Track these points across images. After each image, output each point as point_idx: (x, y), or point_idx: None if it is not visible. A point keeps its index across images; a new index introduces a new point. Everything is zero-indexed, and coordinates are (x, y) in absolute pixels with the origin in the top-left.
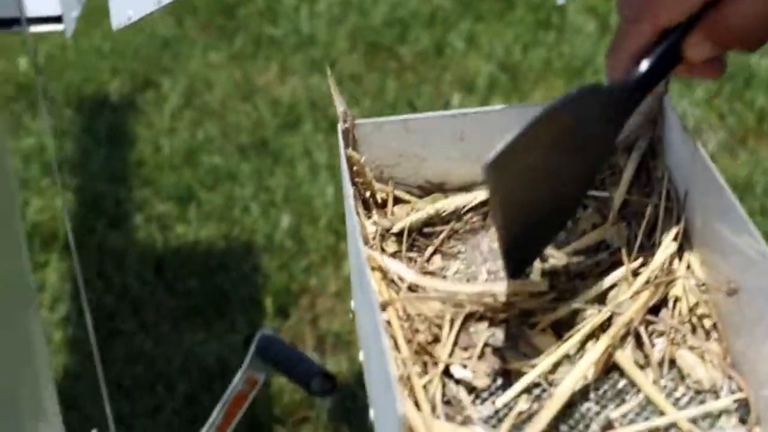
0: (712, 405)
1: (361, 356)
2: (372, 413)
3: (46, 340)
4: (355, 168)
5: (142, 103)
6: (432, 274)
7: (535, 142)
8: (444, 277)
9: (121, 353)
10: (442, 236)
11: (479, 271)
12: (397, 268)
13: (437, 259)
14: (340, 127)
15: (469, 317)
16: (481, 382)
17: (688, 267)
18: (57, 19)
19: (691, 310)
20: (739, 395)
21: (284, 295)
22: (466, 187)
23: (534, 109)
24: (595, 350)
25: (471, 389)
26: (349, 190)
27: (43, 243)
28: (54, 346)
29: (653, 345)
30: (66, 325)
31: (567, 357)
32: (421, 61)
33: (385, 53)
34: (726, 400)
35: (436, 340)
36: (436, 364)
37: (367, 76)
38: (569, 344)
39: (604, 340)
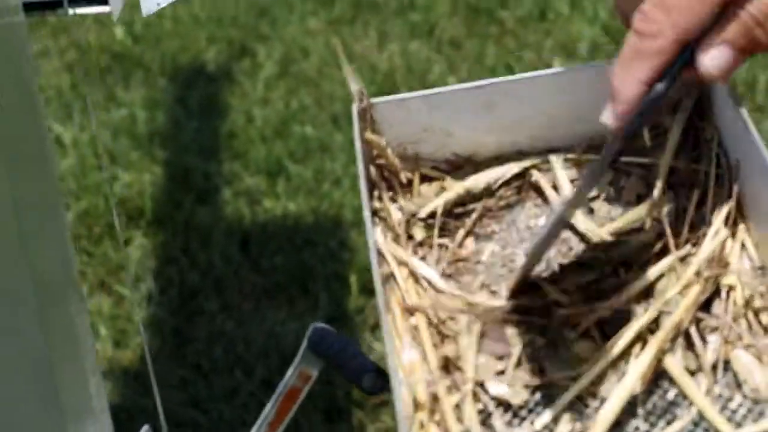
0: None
1: None
2: None
3: (92, 332)
4: (375, 151)
5: (237, 72)
6: (465, 260)
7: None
8: (478, 262)
9: (202, 333)
10: (474, 216)
11: (515, 253)
12: (421, 269)
13: (470, 243)
14: (354, 107)
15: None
16: (519, 398)
17: (743, 247)
18: (103, 1)
19: (747, 302)
20: None
21: (370, 273)
22: (497, 158)
23: (559, 77)
24: (642, 360)
25: (506, 406)
26: (363, 180)
27: (128, 219)
28: (134, 325)
29: (706, 343)
30: (148, 304)
31: (614, 365)
32: (522, 25)
33: (485, 18)
34: None
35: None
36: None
37: (467, 41)
38: (614, 351)
39: (652, 346)
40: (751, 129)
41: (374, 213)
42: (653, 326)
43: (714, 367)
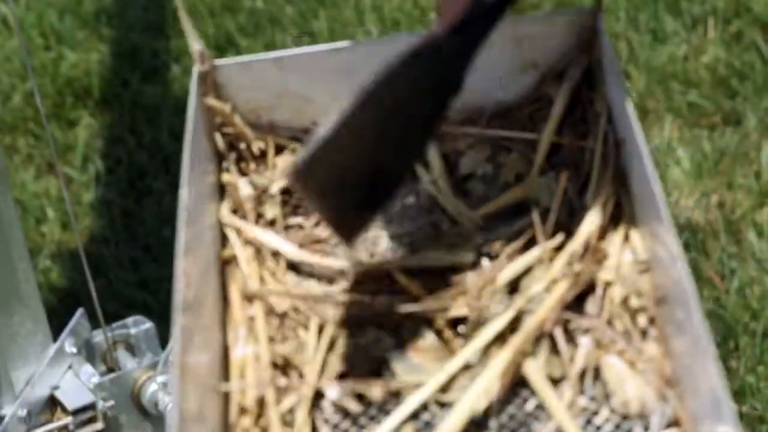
0: None
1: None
2: None
3: (18, 217)
4: (217, 119)
5: None
6: (322, 242)
7: (350, 133)
8: (337, 245)
9: (152, 213)
10: None
11: (380, 235)
12: (274, 240)
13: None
14: (195, 70)
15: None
16: (356, 405)
17: (626, 239)
18: None
19: (624, 300)
20: (672, 430)
21: None
22: None
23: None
24: (498, 362)
25: (345, 414)
26: (187, 152)
27: (75, 99)
28: (82, 208)
29: (575, 347)
30: (96, 186)
31: (467, 369)
32: None
33: None
34: None
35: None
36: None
37: None
38: (467, 353)
39: (509, 348)
40: (628, 108)
41: (221, 187)
42: (516, 326)
43: (582, 376)
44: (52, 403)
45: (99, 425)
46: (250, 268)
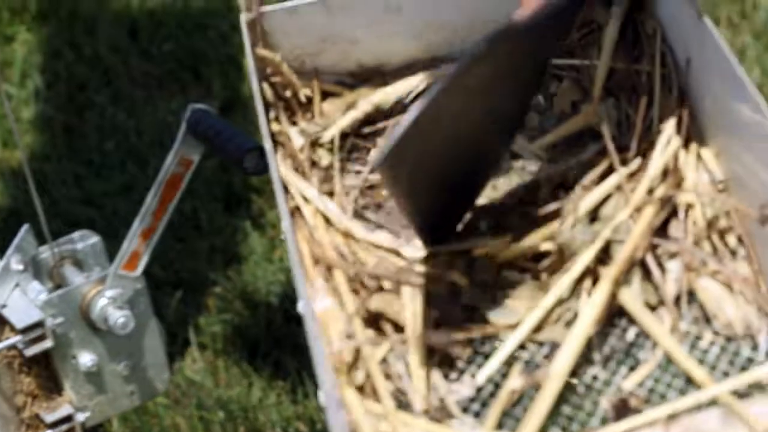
0: (755, 374)
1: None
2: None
3: None
4: (269, 68)
5: None
6: (379, 187)
7: (441, 112)
8: None
9: (93, 127)
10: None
11: None
12: (329, 210)
13: None
14: (243, 18)
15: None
16: (457, 349)
17: (699, 158)
18: None
19: (709, 223)
20: None
21: None
22: (409, 66)
23: None
24: (595, 300)
25: (443, 359)
26: (259, 103)
27: (12, 14)
28: (23, 124)
29: (665, 273)
30: (36, 102)
31: (559, 304)
32: None
33: None
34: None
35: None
36: (397, 328)
37: None
38: (558, 290)
39: (605, 282)
40: (705, 21)
41: (272, 138)
42: (603, 257)
43: (677, 300)
44: (0, 322)
45: (48, 343)
46: (316, 221)
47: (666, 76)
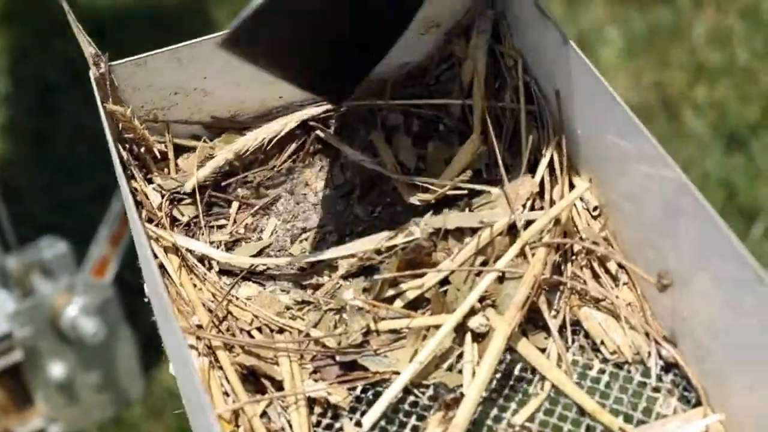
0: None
1: (171, 369)
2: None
3: None
4: (120, 124)
5: None
6: (245, 239)
7: None
8: (260, 239)
9: (65, 132)
10: (247, 187)
11: (308, 225)
12: (195, 247)
13: (246, 218)
14: (92, 74)
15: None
16: (341, 397)
17: (571, 187)
18: None
19: (588, 251)
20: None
21: None
22: (264, 115)
23: None
24: (493, 349)
25: (324, 411)
26: (117, 163)
27: None
28: None
29: (548, 302)
30: (4, 105)
31: (441, 346)
32: None
33: None
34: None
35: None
36: (276, 385)
37: None
38: (441, 335)
39: (500, 333)
40: (571, 45)
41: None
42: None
43: (562, 330)
44: None
45: (17, 354)
46: (181, 277)
47: (534, 110)
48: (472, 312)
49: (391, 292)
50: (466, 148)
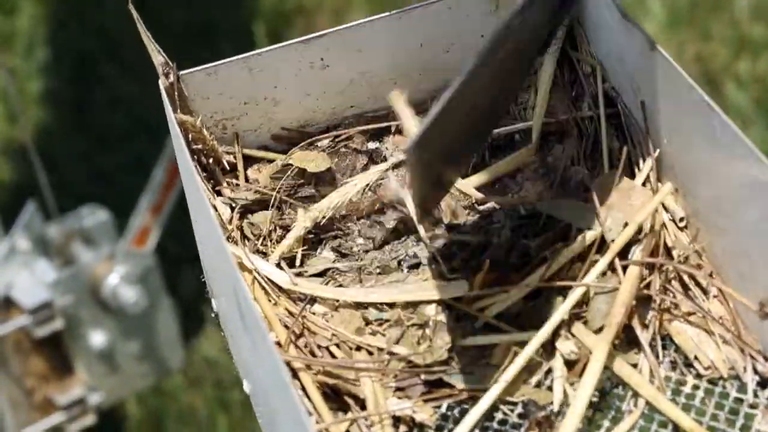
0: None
1: (246, 387)
2: None
3: None
4: (190, 135)
5: None
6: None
7: (460, 103)
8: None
9: (102, 101)
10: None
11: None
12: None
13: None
14: (162, 84)
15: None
16: (426, 415)
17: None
18: None
19: (678, 263)
20: None
21: (276, 18)
22: (337, 125)
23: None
24: (592, 371)
25: (412, 427)
26: (191, 168)
27: None
28: (28, 98)
29: (638, 316)
30: (42, 75)
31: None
32: None
33: None
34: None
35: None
36: (359, 403)
37: None
38: (529, 352)
39: (599, 351)
40: (659, 52)
41: None
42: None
43: (652, 345)
44: (7, 303)
45: (58, 323)
46: (256, 292)
47: (613, 118)
48: (561, 326)
49: (477, 305)
50: (516, 157)
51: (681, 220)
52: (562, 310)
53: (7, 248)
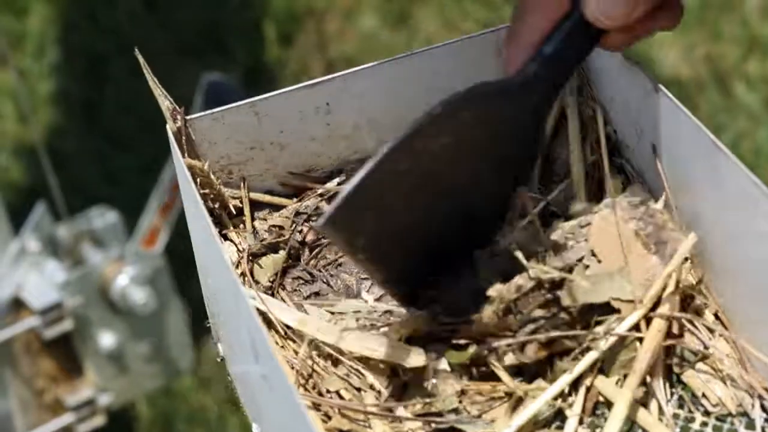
0: None
1: (255, 430)
2: None
3: None
4: (198, 179)
5: None
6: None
7: (396, 176)
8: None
9: (111, 101)
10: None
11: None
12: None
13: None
14: (169, 128)
15: None
16: None
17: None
18: None
19: (683, 299)
20: None
21: (287, 19)
22: (341, 170)
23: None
24: (617, 413)
25: None
26: (202, 211)
27: None
28: (39, 98)
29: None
30: (53, 75)
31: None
32: None
33: None
34: None
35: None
36: None
37: None
38: (540, 404)
39: (623, 400)
40: (662, 92)
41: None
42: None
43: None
44: (17, 304)
45: (68, 324)
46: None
47: (618, 161)
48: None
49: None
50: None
51: (686, 260)
52: (582, 362)
53: (16, 249)
